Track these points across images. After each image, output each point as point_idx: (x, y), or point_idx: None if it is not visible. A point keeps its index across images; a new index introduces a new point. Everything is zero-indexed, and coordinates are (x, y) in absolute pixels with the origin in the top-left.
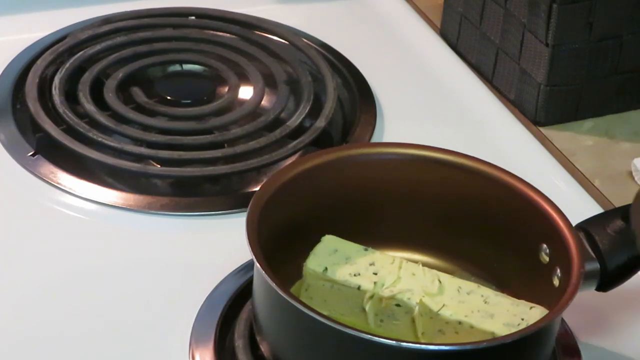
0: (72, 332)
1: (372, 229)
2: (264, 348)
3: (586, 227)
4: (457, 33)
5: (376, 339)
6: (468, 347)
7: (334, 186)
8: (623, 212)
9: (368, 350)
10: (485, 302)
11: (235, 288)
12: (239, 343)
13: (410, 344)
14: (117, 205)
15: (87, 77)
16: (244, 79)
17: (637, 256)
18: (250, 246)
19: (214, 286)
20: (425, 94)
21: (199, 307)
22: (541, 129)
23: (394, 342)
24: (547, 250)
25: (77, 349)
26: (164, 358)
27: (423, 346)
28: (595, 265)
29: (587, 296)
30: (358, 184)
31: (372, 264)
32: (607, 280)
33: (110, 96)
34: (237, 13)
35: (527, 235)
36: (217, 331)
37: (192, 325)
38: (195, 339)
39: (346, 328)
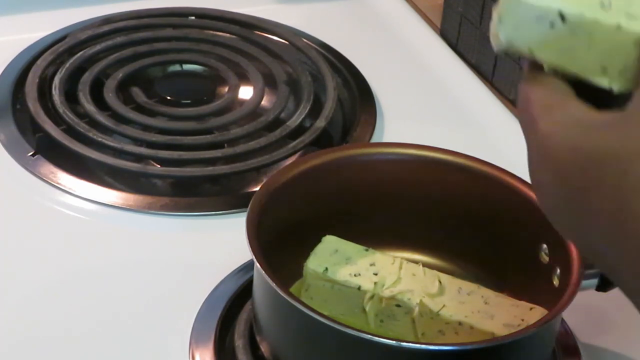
0: (72, 332)
1: (372, 229)
2: (264, 348)
3: None
4: (457, 33)
5: (376, 339)
6: (468, 347)
7: (334, 186)
8: None
9: (368, 350)
10: (486, 303)
11: (235, 288)
12: (239, 343)
13: (411, 344)
14: (117, 205)
15: (87, 77)
16: (244, 79)
17: None
18: (250, 246)
19: (214, 286)
20: (425, 94)
21: (199, 307)
22: None
23: (394, 342)
24: (547, 250)
25: (77, 348)
26: (164, 358)
27: (423, 346)
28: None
29: (587, 296)
30: (358, 184)
31: (372, 265)
32: (607, 280)
33: (110, 96)
34: (237, 13)
35: (527, 235)
36: (217, 331)
37: (192, 325)
38: (195, 339)
39: (347, 328)
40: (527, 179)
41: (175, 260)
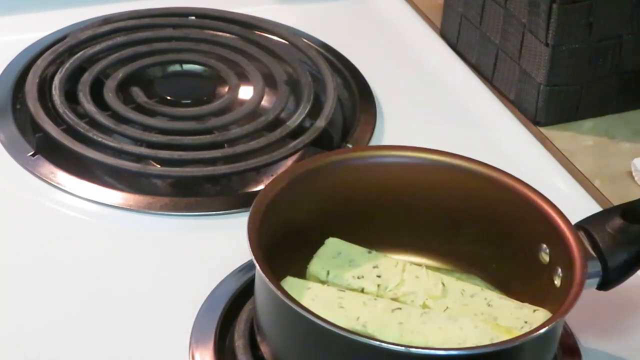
0: (72, 332)
1: (375, 232)
2: (264, 349)
3: (586, 226)
4: (457, 33)
5: (385, 345)
6: (475, 351)
7: (337, 188)
8: (622, 211)
9: (374, 356)
10: (489, 305)
11: (235, 288)
12: (239, 343)
13: (419, 349)
14: (117, 205)
15: (87, 77)
16: (244, 79)
17: (637, 255)
18: (251, 247)
19: (214, 286)
20: (425, 94)
21: (199, 307)
22: (541, 129)
23: (402, 347)
24: (547, 251)
25: (77, 348)
26: (164, 358)
27: (431, 351)
28: (597, 265)
29: (587, 296)
30: (362, 187)
31: (375, 267)
32: (608, 279)
33: (110, 96)
34: (237, 13)
35: (527, 236)
36: (217, 331)
37: (192, 325)
38: (195, 339)
39: (351, 334)
40: (527, 179)
41: (176, 260)
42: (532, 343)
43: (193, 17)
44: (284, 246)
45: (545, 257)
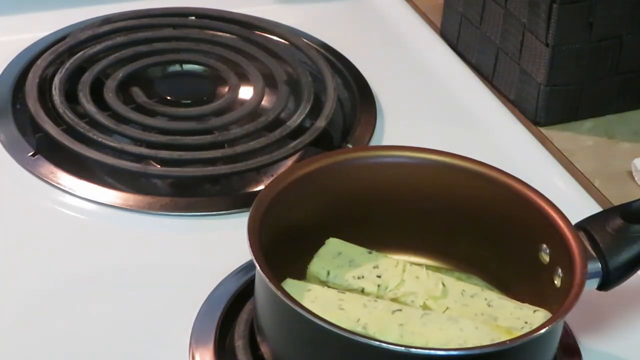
0: (72, 332)
1: (375, 232)
2: (264, 349)
3: (586, 227)
4: (457, 33)
5: (385, 345)
6: (476, 351)
7: (338, 189)
8: (622, 211)
9: (374, 356)
10: (489, 305)
11: (235, 288)
12: (239, 343)
13: (419, 350)
14: (117, 205)
15: (87, 77)
16: (244, 79)
17: (638, 255)
18: (251, 247)
19: (214, 286)
20: (425, 94)
21: (199, 307)
22: (541, 129)
23: (402, 348)
24: (547, 251)
25: (78, 348)
26: (164, 358)
27: (431, 352)
28: (597, 265)
29: (587, 296)
30: (362, 187)
31: (376, 267)
32: (608, 279)
33: (110, 96)
34: (237, 13)
35: (527, 236)
36: (217, 331)
37: (192, 325)
38: (195, 339)
39: (351, 334)
40: (527, 179)
41: (176, 260)
42: (532, 343)
43: (193, 17)
44: (284, 246)
45: (545, 257)
